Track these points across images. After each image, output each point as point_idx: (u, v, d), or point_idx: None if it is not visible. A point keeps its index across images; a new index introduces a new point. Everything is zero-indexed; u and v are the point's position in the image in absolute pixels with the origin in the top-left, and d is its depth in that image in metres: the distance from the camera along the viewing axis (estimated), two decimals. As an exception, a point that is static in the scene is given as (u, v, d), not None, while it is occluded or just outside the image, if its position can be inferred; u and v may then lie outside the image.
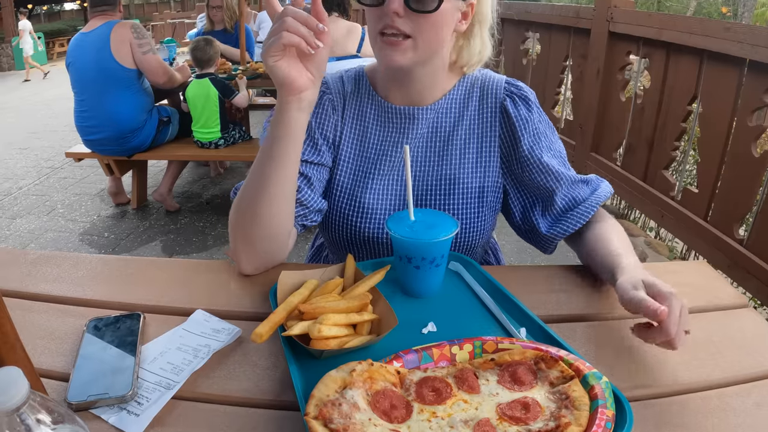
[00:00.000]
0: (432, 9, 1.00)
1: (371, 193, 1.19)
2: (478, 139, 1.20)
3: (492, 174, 1.21)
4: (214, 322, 0.94)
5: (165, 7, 24.98)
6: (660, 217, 3.17)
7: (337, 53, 3.35)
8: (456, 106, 1.20)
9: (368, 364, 0.73)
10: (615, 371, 0.84)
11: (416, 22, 1.02)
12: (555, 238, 1.21)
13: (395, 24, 1.02)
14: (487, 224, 1.23)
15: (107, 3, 3.74)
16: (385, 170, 1.20)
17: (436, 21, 1.03)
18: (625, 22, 3.40)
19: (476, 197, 1.20)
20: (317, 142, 1.18)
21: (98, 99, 3.69)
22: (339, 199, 1.21)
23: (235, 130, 4.08)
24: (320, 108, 1.20)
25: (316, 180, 1.18)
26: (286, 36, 0.90)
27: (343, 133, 1.22)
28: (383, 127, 1.21)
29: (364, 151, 1.22)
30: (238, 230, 1.07)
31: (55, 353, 0.88)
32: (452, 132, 1.20)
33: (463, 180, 1.19)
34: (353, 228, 1.21)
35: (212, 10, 5.26)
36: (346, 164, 1.21)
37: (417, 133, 1.20)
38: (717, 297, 1.07)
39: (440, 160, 1.20)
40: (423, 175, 1.20)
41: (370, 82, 1.23)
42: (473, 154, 1.20)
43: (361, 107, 1.22)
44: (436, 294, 1.02)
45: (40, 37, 16.23)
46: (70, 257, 1.18)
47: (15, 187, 5.07)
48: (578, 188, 1.19)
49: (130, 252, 3.69)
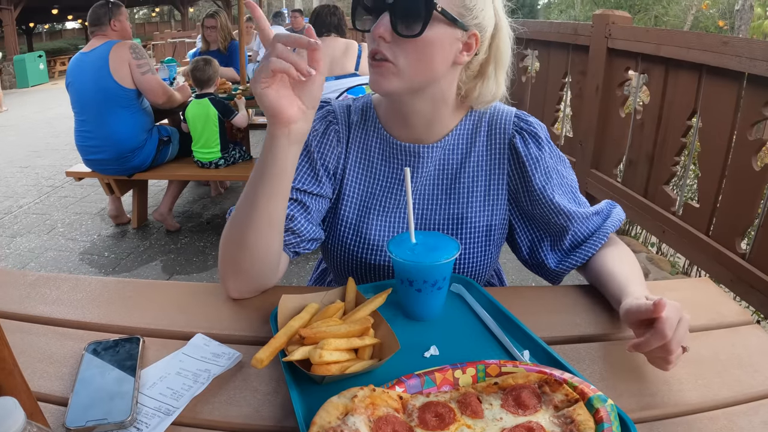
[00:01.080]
0: (416, 33, 0.98)
1: (377, 229, 1.18)
2: (486, 176, 1.18)
3: (499, 212, 1.19)
4: (214, 346, 0.93)
5: (165, 26, 25.22)
6: (661, 232, 3.16)
7: (335, 72, 3.37)
8: (463, 142, 1.17)
9: (370, 389, 0.72)
10: (620, 393, 0.83)
11: (402, 47, 1.00)
12: (563, 273, 1.20)
13: (380, 48, 1.00)
14: (493, 259, 1.22)
15: (96, 23, 3.78)
16: (390, 206, 1.19)
17: (423, 47, 1.00)
18: (623, 38, 3.41)
19: (483, 235, 1.18)
20: (318, 172, 1.16)
21: (98, 119, 3.71)
22: (344, 233, 1.19)
23: (235, 150, 4.10)
24: (326, 138, 1.18)
25: (314, 210, 1.15)
26: (275, 62, 0.86)
27: (347, 166, 1.19)
28: (389, 163, 1.19)
29: (369, 187, 1.19)
30: (227, 256, 1.05)
31: (53, 377, 0.87)
32: (459, 169, 1.17)
33: (471, 219, 1.17)
34: (358, 260, 1.20)
35: (206, 30, 5.34)
36: (351, 199, 1.19)
37: (424, 172, 1.17)
38: (721, 314, 1.06)
39: (448, 198, 1.18)
40: (430, 213, 1.19)
41: (377, 115, 1.20)
42: (481, 193, 1.18)
43: (366, 140, 1.20)
44: (438, 317, 1.01)
45: (42, 55, 16.38)
46: (69, 279, 1.17)
47: (15, 205, 5.08)
48: (589, 222, 1.17)
49: (130, 272, 3.68)
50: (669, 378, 0.87)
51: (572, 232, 1.17)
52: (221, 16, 5.28)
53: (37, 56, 16.26)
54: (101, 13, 3.77)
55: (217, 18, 5.25)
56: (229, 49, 5.36)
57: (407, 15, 0.98)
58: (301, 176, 1.15)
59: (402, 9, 0.98)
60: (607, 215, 1.19)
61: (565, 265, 1.18)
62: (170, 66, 5.01)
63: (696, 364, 0.91)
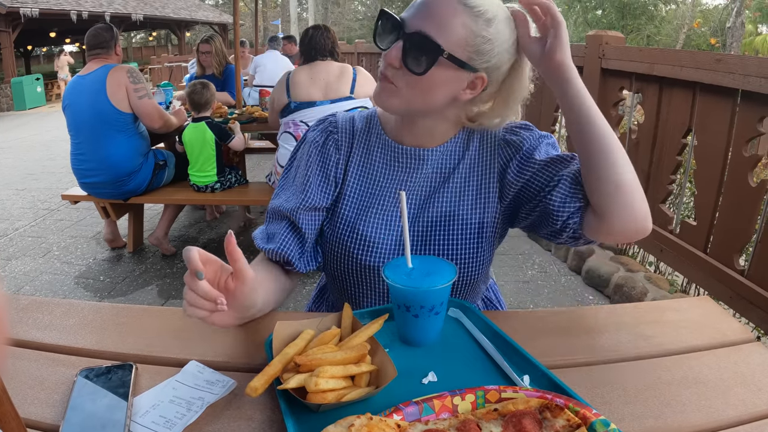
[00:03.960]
0: (419, 72, 1.03)
1: (373, 227, 1.20)
2: (477, 176, 1.20)
3: (491, 209, 1.20)
4: (208, 373, 0.91)
5: (162, 50, 25.43)
6: (659, 251, 3.15)
7: (330, 96, 3.38)
8: (459, 148, 1.21)
9: (367, 417, 0.71)
10: (623, 417, 0.82)
11: (407, 77, 1.06)
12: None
13: (387, 72, 1.07)
14: (485, 258, 1.23)
15: (100, 46, 3.77)
16: (387, 206, 1.21)
17: (425, 82, 1.05)
18: (616, 58, 3.44)
19: (475, 232, 1.20)
20: (321, 185, 1.22)
21: (94, 142, 3.70)
22: (341, 230, 1.22)
23: (231, 174, 4.09)
24: (324, 148, 1.23)
25: (309, 235, 1.22)
26: (189, 311, 0.89)
27: (348, 169, 1.23)
28: (389, 166, 1.22)
29: (368, 187, 1.23)
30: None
31: (44, 404, 0.85)
32: (453, 170, 1.20)
33: (463, 216, 1.19)
34: (353, 259, 1.21)
35: (202, 55, 5.38)
36: (351, 198, 1.23)
37: (422, 173, 1.21)
38: (722, 333, 1.06)
39: (441, 196, 1.20)
40: (423, 211, 1.21)
41: (381, 124, 1.25)
42: (472, 191, 1.20)
43: (369, 146, 1.24)
44: (435, 342, 0.99)
45: (39, 78, 16.48)
46: (62, 304, 1.17)
47: (11, 228, 5.05)
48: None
49: (125, 296, 3.65)
50: (672, 400, 0.86)
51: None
52: (216, 41, 5.31)
53: (35, 79, 16.34)
54: (107, 36, 3.76)
55: (212, 43, 5.29)
56: (225, 74, 5.40)
57: (417, 51, 1.03)
58: (308, 194, 1.20)
59: (414, 45, 1.03)
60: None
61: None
62: (166, 90, 5.02)
63: (699, 384, 0.90)
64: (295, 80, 3.43)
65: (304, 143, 1.27)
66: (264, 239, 1.22)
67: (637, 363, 0.96)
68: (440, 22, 1.01)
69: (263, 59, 6.85)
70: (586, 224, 1.10)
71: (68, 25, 17.15)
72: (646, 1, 25.77)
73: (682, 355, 0.99)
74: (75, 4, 16.87)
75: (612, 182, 1.02)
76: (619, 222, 1.04)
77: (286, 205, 1.21)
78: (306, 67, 3.48)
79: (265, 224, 1.26)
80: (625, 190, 1.02)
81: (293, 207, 1.19)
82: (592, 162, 1.04)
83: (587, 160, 1.05)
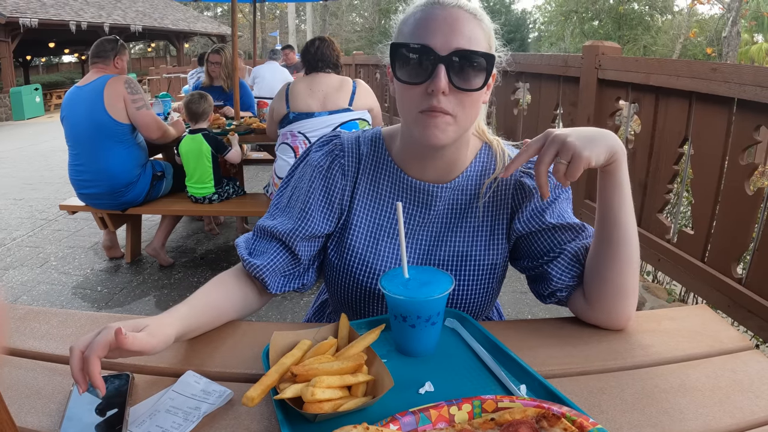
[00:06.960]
0: (478, 87, 1.00)
1: (383, 260, 1.18)
2: (491, 216, 1.18)
3: (502, 250, 1.19)
4: (205, 383, 0.91)
5: (161, 61, 25.48)
6: (657, 260, 3.15)
7: (328, 107, 3.40)
8: (473, 184, 1.18)
9: (364, 427, 0.71)
10: (620, 426, 0.82)
11: (459, 99, 1.00)
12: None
13: (440, 104, 0.98)
14: (494, 296, 1.22)
15: (99, 56, 3.79)
16: (397, 238, 1.19)
17: (476, 97, 1.02)
18: (613, 68, 3.45)
19: (487, 273, 1.18)
20: (314, 227, 1.17)
21: (92, 153, 3.70)
22: (351, 262, 1.19)
23: (229, 185, 4.10)
24: (330, 173, 1.19)
25: (303, 260, 1.20)
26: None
27: (355, 197, 1.20)
28: (399, 197, 1.19)
29: (378, 218, 1.20)
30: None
31: (41, 413, 0.85)
32: (467, 208, 1.18)
33: (476, 257, 1.17)
34: (365, 290, 1.20)
35: (211, 65, 5.33)
36: (359, 229, 1.19)
37: (435, 210, 1.18)
38: (720, 341, 1.06)
39: (454, 235, 1.18)
40: (436, 249, 1.19)
41: (386, 147, 1.20)
42: (486, 232, 1.18)
43: (376, 173, 1.20)
44: (432, 352, 0.99)
45: (38, 88, 16.52)
46: (59, 314, 1.16)
47: (9, 238, 5.05)
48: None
49: (123, 306, 3.64)
50: (669, 409, 0.86)
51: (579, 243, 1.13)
52: (226, 53, 5.23)
53: (34, 89, 16.38)
54: (108, 47, 3.78)
55: (222, 54, 5.22)
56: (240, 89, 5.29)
57: (466, 67, 0.99)
58: (307, 221, 1.17)
59: (459, 62, 0.98)
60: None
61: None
62: (165, 101, 5.03)
63: (696, 392, 0.90)
64: (294, 91, 3.45)
65: (306, 164, 1.22)
66: (248, 252, 1.19)
67: (635, 372, 0.96)
68: (464, 32, 0.98)
69: (262, 70, 6.88)
70: (573, 300, 1.14)
71: (67, 36, 17.22)
72: (643, 12, 25.93)
73: (679, 363, 0.99)
74: (74, 15, 16.96)
75: (615, 285, 1.05)
76: (603, 317, 1.09)
77: (280, 227, 1.17)
78: (306, 78, 3.51)
79: (252, 236, 1.22)
80: (625, 294, 1.06)
81: (288, 231, 1.16)
82: (605, 261, 1.06)
83: (600, 254, 1.07)
